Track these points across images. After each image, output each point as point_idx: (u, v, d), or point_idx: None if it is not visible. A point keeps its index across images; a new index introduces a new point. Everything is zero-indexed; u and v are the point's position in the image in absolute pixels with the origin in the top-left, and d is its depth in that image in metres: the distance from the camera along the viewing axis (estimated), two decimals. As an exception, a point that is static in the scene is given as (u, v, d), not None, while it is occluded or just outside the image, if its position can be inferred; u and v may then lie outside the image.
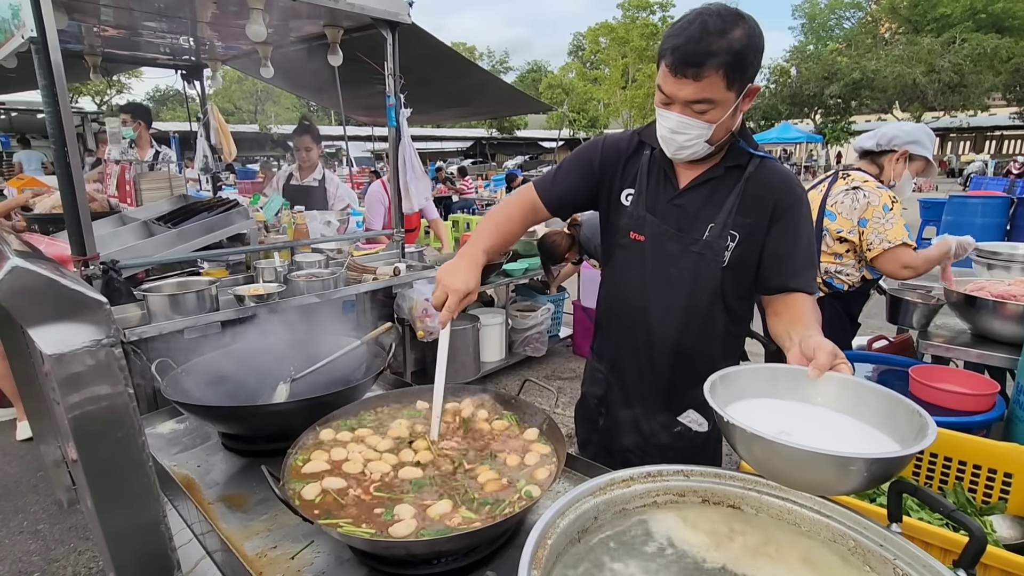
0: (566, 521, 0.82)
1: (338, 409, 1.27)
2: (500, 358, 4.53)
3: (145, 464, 0.52)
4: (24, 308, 0.44)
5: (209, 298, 2.34)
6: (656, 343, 1.43)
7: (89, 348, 0.45)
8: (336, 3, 2.60)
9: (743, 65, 1.14)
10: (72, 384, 0.46)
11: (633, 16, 38.41)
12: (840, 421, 0.92)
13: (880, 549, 0.77)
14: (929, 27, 26.43)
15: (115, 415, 0.48)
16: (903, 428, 0.84)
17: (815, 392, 0.96)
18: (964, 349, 2.25)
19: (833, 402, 0.94)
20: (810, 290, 1.30)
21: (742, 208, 1.31)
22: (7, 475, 3.15)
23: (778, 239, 1.31)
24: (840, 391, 0.94)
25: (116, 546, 0.51)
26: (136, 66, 5.80)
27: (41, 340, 0.45)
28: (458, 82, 6.07)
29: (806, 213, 1.34)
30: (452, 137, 33.11)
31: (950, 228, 7.74)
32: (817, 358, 0.96)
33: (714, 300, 1.36)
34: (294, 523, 1.08)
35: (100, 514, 0.51)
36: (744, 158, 1.32)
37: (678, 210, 1.37)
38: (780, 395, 0.98)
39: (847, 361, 0.97)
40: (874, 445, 0.85)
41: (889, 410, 0.88)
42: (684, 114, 1.20)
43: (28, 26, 1.90)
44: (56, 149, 2.02)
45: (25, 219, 3.48)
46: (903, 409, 0.86)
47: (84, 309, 0.46)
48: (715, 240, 1.32)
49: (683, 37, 1.13)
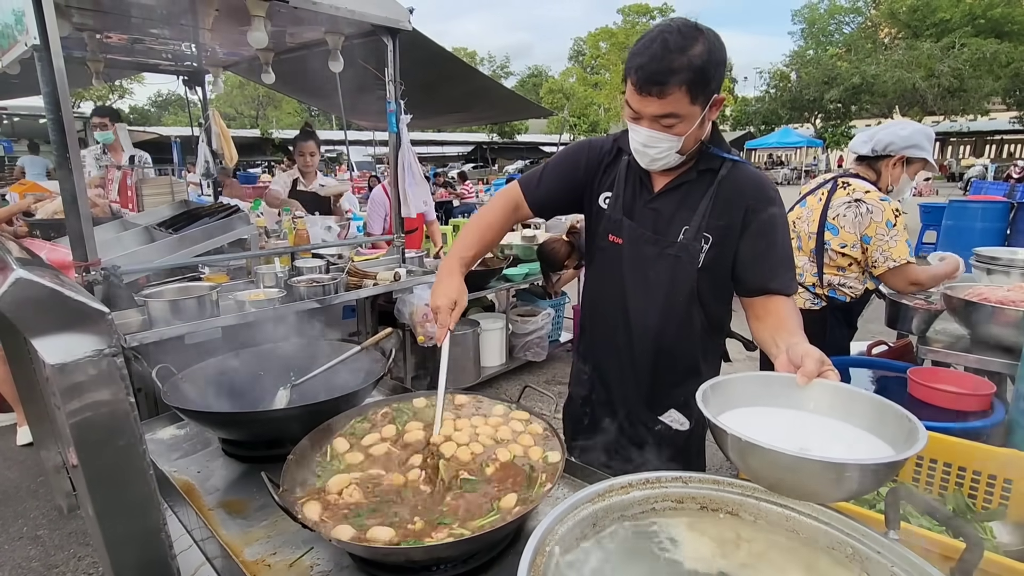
0: (565, 527, 0.82)
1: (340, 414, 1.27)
2: (500, 363, 4.53)
3: (146, 472, 0.53)
4: (27, 319, 0.45)
5: (210, 303, 2.35)
6: (636, 344, 1.46)
7: (91, 358, 0.46)
8: (337, 11, 2.61)
9: (705, 79, 1.17)
10: (74, 393, 0.46)
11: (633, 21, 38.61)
12: (833, 427, 0.92)
13: (878, 556, 0.77)
14: (928, 32, 26.53)
15: (116, 423, 0.48)
16: (892, 433, 0.85)
17: (806, 399, 0.96)
18: (963, 355, 2.25)
19: (825, 409, 0.95)
20: (788, 291, 1.33)
21: (715, 211, 1.34)
22: (7, 480, 3.15)
23: (752, 241, 1.33)
24: (831, 398, 0.95)
25: (117, 553, 0.52)
26: (138, 71, 5.83)
27: (44, 350, 0.45)
28: (459, 87, 6.10)
29: (780, 214, 1.35)
30: (453, 142, 33.18)
31: (950, 233, 7.76)
32: (805, 365, 0.97)
33: (691, 301, 1.40)
34: (293, 529, 1.08)
35: (101, 521, 0.51)
36: (716, 162, 1.36)
37: (654, 213, 1.40)
38: (771, 402, 0.98)
39: (834, 368, 0.99)
40: (869, 450, 0.85)
41: (879, 416, 0.89)
42: (653, 128, 1.24)
43: (31, 33, 1.91)
44: (58, 155, 2.03)
45: (27, 224, 3.49)
46: (892, 414, 0.87)
47: (86, 319, 0.46)
48: (690, 243, 1.35)
49: (646, 56, 1.16)
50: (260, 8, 2.49)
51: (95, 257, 2.17)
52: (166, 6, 2.76)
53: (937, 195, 17.77)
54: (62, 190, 2.08)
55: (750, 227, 1.33)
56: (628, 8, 39.43)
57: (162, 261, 2.59)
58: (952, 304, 2.28)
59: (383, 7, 2.83)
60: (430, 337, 3.31)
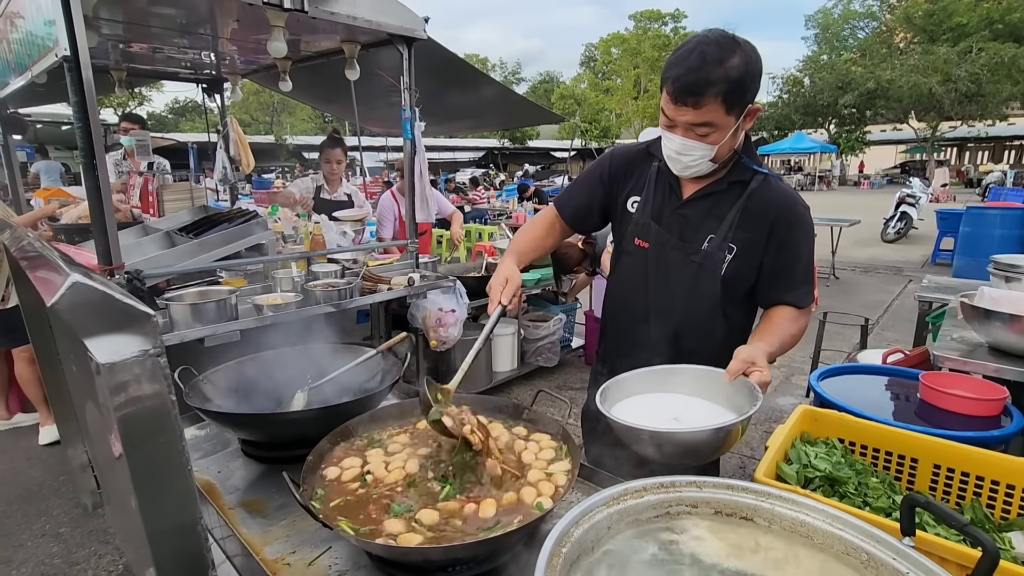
0: (580, 531, 0.83)
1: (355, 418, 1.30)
2: (512, 368, 4.54)
3: (185, 467, 0.55)
4: (82, 320, 0.47)
5: (229, 307, 2.39)
6: (656, 349, 1.47)
7: (138, 358, 0.49)
8: (355, 20, 2.66)
9: (741, 91, 1.20)
10: (122, 391, 0.49)
11: (645, 27, 38.64)
12: (699, 403, 1.26)
13: (894, 562, 0.77)
14: (945, 36, 26.23)
15: (159, 420, 0.51)
16: (745, 400, 1.15)
17: (678, 384, 1.29)
18: (981, 363, 2.23)
19: (693, 390, 1.28)
20: (801, 304, 1.37)
21: (742, 223, 1.36)
22: (31, 479, 3.22)
23: (777, 256, 1.36)
24: (700, 380, 1.27)
25: (157, 545, 0.54)
26: (158, 80, 5.96)
27: (95, 350, 0.48)
28: (471, 93, 6.16)
29: (807, 231, 1.39)
30: (464, 147, 33.37)
31: (968, 240, 7.64)
32: (731, 364, 1.15)
33: (713, 309, 1.41)
34: (312, 529, 1.11)
35: (144, 514, 0.54)
36: (747, 175, 1.37)
37: (681, 220, 1.42)
38: (651, 390, 1.30)
39: (761, 368, 1.14)
40: (717, 418, 1.16)
41: (736, 389, 1.19)
42: (687, 136, 1.26)
43: (62, 44, 1.98)
44: (85, 162, 2.09)
45: (51, 229, 3.58)
46: (746, 388, 1.16)
47: (134, 321, 0.49)
48: (714, 251, 1.37)
49: (683, 67, 1.19)
50: (280, 18, 2.54)
51: (119, 261, 2.23)
52: (188, 17, 2.83)
53: (955, 201, 17.52)
54: (89, 196, 2.13)
55: (776, 242, 1.35)
56: (640, 14, 39.48)
57: (183, 265, 2.65)
58: (969, 312, 2.26)
59: (399, 16, 2.87)
60: (443, 341, 3.34)
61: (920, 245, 11.36)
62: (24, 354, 3.50)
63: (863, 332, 3.88)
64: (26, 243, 0.95)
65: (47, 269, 0.64)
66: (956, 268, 7.57)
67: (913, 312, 3.51)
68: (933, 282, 3.52)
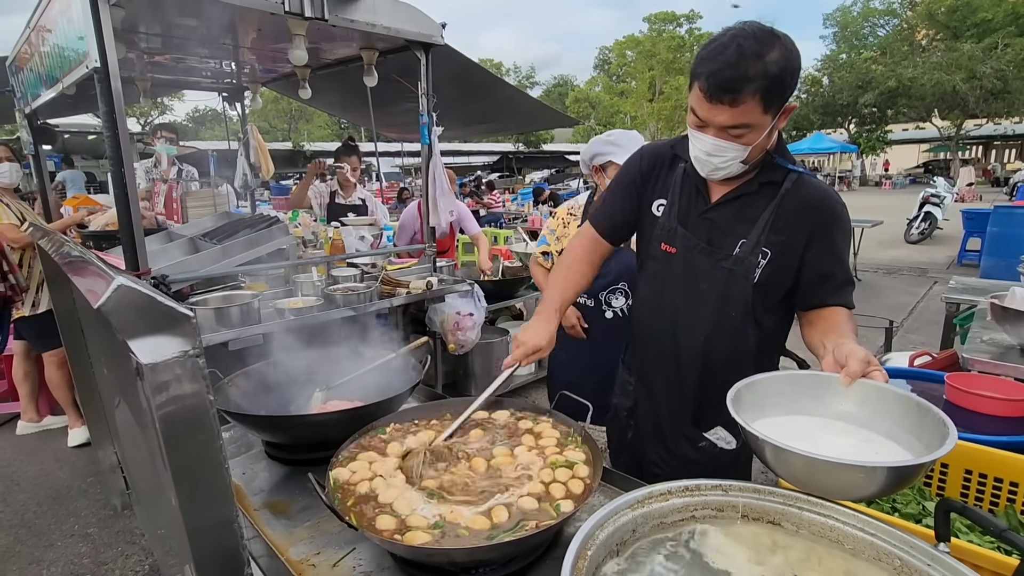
0: (605, 533, 0.83)
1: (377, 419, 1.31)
2: (530, 372, 4.53)
3: (223, 465, 0.57)
4: (126, 322, 0.49)
5: (252, 311, 2.43)
6: (685, 357, 1.42)
7: (179, 358, 0.50)
8: (373, 27, 2.69)
9: (781, 87, 1.12)
10: (163, 390, 0.50)
11: (660, 29, 38.42)
12: (863, 427, 0.98)
13: (928, 568, 0.76)
14: (969, 33, 25.64)
15: (198, 419, 0.52)
16: (928, 432, 0.88)
17: (839, 399, 1.00)
18: (1013, 365, 2.17)
19: (857, 409, 0.99)
20: (848, 304, 1.29)
21: (776, 225, 1.28)
22: (60, 480, 3.30)
23: (819, 257, 1.29)
24: (865, 397, 0.98)
25: (197, 542, 0.56)
26: (181, 89, 6.09)
27: (139, 350, 0.50)
28: (486, 98, 6.19)
29: (846, 229, 1.32)
30: (479, 152, 33.51)
31: (996, 240, 7.44)
32: (849, 365, 0.98)
33: (745, 317, 1.34)
34: (336, 530, 1.12)
35: (184, 511, 0.55)
36: (780, 174, 1.30)
37: (709, 224, 1.35)
38: (803, 406, 1.02)
39: (880, 368, 0.99)
40: (893, 453, 0.90)
41: (916, 416, 0.92)
42: (720, 137, 1.19)
43: (92, 56, 2.03)
44: (114, 171, 2.14)
45: (80, 236, 3.68)
46: (932, 418, 0.89)
47: (175, 323, 0.50)
48: (746, 257, 1.30)
49: (719, 62, 1.10)
50: (301, 27, 2.58)
51: (146, 267, 2.28)
52: (212, 27, 2.90)
53: (981, 200, 17.09)
54: (117, 203, 2.19)
55: (815, 245, 1.28)
56: (654, 16, 39.28)
57: (207, 270, 2.70)
58: (999, 313, 2.20)
59: (417, 23, 2.90)
60: (461, 345, 3.35)
61: (945, 246, 11.10)
62: (53, 358, 3.59)
63: (887, 335, 3.80)
64: (66, 248, 0.98)
65: (90, 273, 0.66)
66: (984, 269, 7.38)
67: (939, 314, 3.44)
68: (961, 283, 3.43)
